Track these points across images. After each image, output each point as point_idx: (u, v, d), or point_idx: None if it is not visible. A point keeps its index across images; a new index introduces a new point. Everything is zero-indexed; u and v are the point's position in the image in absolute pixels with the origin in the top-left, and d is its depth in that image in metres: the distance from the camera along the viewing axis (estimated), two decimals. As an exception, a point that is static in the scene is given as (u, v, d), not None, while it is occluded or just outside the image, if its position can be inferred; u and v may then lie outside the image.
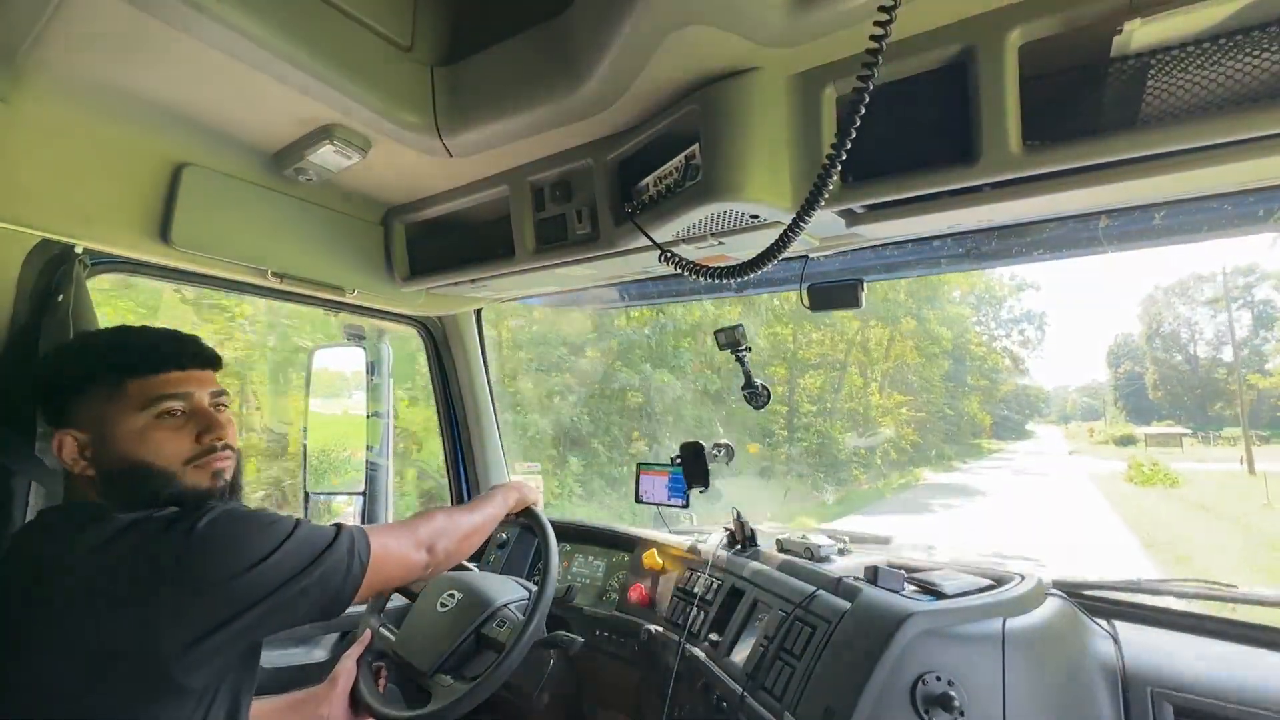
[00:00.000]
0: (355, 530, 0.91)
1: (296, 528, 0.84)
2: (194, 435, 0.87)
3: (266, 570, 0.77)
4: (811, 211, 0.76)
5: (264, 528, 0.80)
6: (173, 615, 0.72)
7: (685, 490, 1.62)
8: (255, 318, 4.82)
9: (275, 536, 0.80)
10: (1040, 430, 20.35)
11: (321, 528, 0.87)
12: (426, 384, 2.19)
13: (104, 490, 0.83)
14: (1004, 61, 0.79)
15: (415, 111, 1.09)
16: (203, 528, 0.76)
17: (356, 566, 0.87)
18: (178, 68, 0.96)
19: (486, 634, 1.28)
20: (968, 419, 14.56)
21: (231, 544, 0.77)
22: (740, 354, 1.48)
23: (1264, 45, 0.69)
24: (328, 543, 0.85)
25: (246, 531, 0.79)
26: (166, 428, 0.85)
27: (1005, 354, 18.85)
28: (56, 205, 1.10)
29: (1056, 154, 0.80)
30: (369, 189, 1.47)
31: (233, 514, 0.80)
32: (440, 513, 1.11)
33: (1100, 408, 19.35)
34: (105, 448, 0.83)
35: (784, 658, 1.12)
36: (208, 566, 0.74)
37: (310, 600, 0.82)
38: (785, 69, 0.93)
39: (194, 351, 0.91)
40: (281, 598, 0.78)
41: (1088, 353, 35.29)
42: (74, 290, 1.11)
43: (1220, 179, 0.89)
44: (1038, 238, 1.20)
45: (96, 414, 0.83)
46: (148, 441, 0.83)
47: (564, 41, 0.97)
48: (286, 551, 0.80)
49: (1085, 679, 1.01)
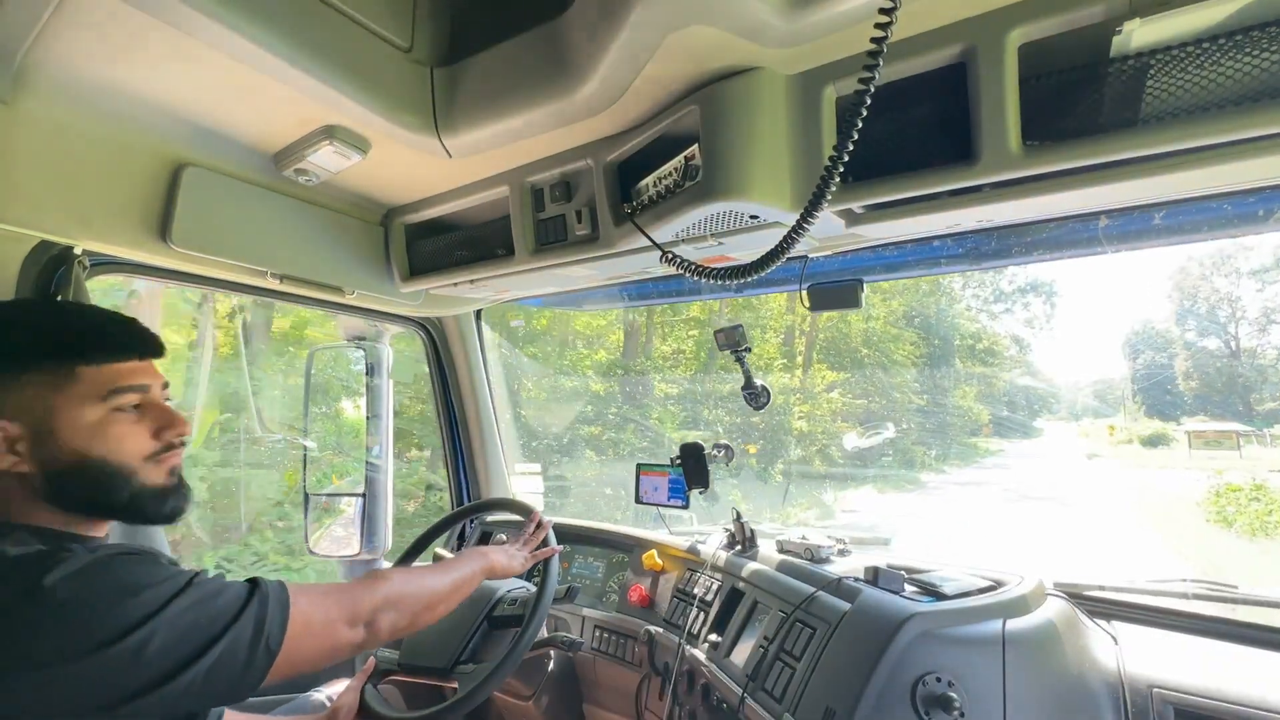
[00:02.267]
0: (273, 592, 0.73)
1: (187, 588, 0.66)
2: (152, 430, 0.79)
3: (132, 650, 0.59)
4: (815, 214, 0.76)
5: (140, 588, 0.63)
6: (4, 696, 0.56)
7: (685, 491, 1.62)
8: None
9: (154, 601, 0.63)
10: (1049, 428, 16.68)
11: (226, 587, 0.71)
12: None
13: (45, 490, 0.72)
14: (1004, 62, 0.79)
15: (415, 112, 1.09)
16: (62, 581, 0.60)
17: (261, 655, 0.69)
18: (177, 68, 0.96)
19: (499, 615, 1.27)
20: (959, 413, 12.05)
21: (94, 609, 0.60)
22: (740, 354, 1.48)
23: (1264, 45, 0.69)
24: (230, 616, 0.67)
25: (116, 592, 0.62)
26: (124, 421, 0.76)
27: (1006, 337, 15.14)
28: (56, 206, 1.10)
29: (1056, 154, 0.80)
30: (368, 189, 1.47)
31: (106, 565, 0.63)
32: (397, 574, 0.93)
33: (1114, 404, 15.32)
34: (49, 442, 0.72)
35: (784, 659, 1.12)
36: (61, 636, 0.57)
37: (192, 696, 0.64)
38: (785, 69, 0.93)
39: (148, 338, 0.82)
40: (147, 698, 0.60)
41: (1100, 343, 31.25)
42: (73, 291, 1.11)
43: (1220, 179, 0.89)
44: (1037, 238, 1.20)
45: (37, 403, 0.72)
46: (105, 436, 0.74)
47: (563, 42, 0.97)
48: (168, 624, 0.62)
49: (1086, 680, 1.01)
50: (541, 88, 1.01)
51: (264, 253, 1.37)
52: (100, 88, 1.01)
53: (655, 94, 0.99)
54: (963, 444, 12.08)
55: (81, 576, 0.61)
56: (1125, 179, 0.82)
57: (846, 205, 0.98)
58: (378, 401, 2.03)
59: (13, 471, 0.71)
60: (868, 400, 10.12)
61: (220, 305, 4.36)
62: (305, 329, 4.70)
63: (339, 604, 0.81)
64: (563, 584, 1.76)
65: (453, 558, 1.12)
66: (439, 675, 1.23)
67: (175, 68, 0.96)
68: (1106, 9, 0.73)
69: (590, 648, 1.62)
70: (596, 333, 9.10)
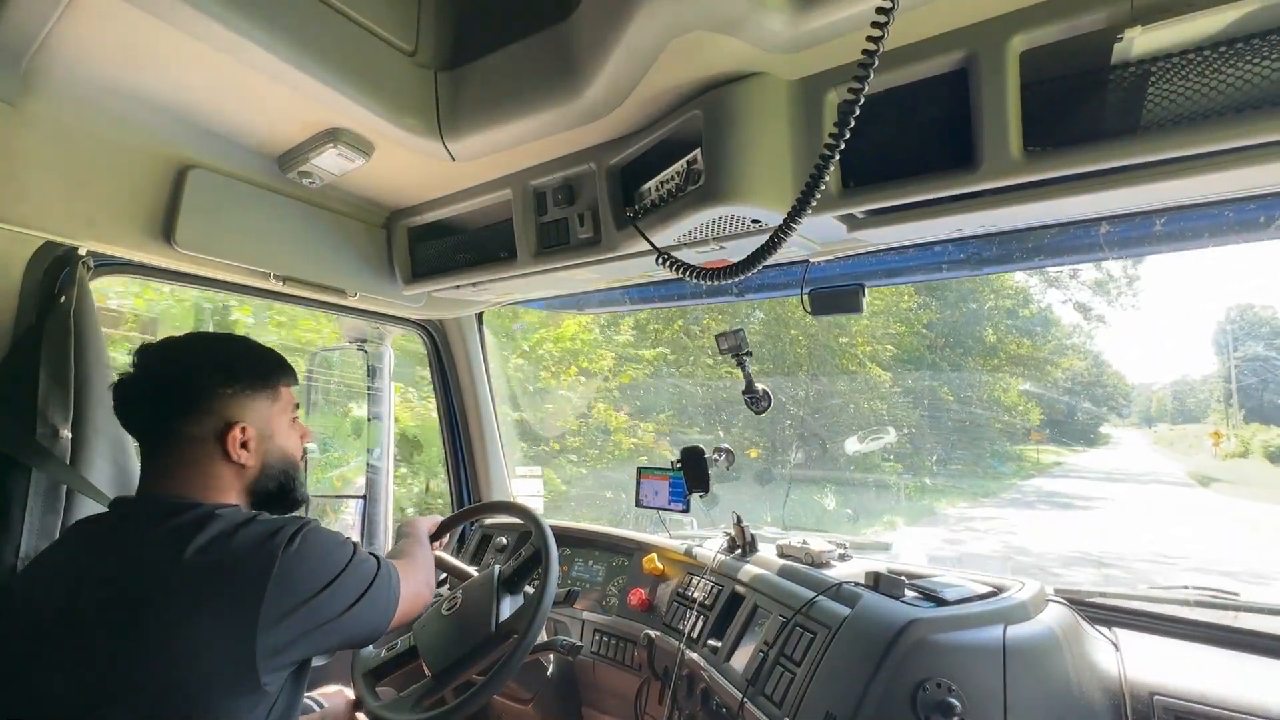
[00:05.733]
0: (387, 565, 0.97)
1: (355, 552, 0.91)
2: (300, 436, 1.03)
3: (338, 591, 0.85)
4: (800, 216, 0.77)
5: (337, 548, 0.89)
6: (273, 620, 0.77)
7: (685, 495, 1.62)
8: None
9: (343, 558, 0.88)
10: (1119, 434, 12.84)
11: (366, 556, 0.94)
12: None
13: (254, 480, 0.94)
14: (1005, 68, 0.79)
15: (418, 116, 1.09)
16: (299, 543, 0.83)
17: (392, 602, 0.95)
18: (183, 71, 0.97)
19: (499, 619, 1.27)
20: (1001, 411, 9.02)
21: (318, 562, 0.84)
22: (741, 358, 1.48)
23: (1264, 53, 0.69)
24: (373, 573, 0.92)
25: (327, 551, 0.87)
26: (295, 430, 1.01)
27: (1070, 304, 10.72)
28: (61, 207, 1.10)
29: (1057, 160, 0.80)
30: (372, 192, 1.47)
31: (318, 532, 0.88)
32: (408, 562, 1.14)
33: (1198, 407, 11.37)
34: (269, 442, 0.94)
35: (784, 663, 1.12)
36: (302, 581, 0.81)
37: (355, 625, 0.88)
38: (788, 74, 0.93)
39: (292, 368, 1.04)
40: (343, 619, 0.85)
41: (1177, 338, 25.17)
42: (76, 292, 1.12)
43: (1221, 185, 0.89)
44: (1039, 243, 1.20)
45: (260, 413, 0.93)
46: (291, 439, 0.99)
47: (567, 47, 0.97)
48: (351, 574, 0.88)
49: (1086, 686, 1.00)
50: (545, 92, 1.01)
51: (267, 254, 1.38)
52: (106, 90, 1.02)
53: (658, 98, 0.99)
54: (999, 454, 8.72)
55: (311, 538, 0.85)
56: (1126, 185, 0.82)
57: (848, 210, 0.98)
58: (379, 404, 2.03)
59: (241, 464, 0.91)
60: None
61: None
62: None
63: (420, 573, 1.11)
64: (562, 587, 1.76)
65: (400, 542, 1.29)
66: (437, 679, 1.23)
67: (181, 70, 0.97)
68: (1108, 16, 0.74)
69: (590, 651, 1.62)
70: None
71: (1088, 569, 5.08)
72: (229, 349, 0.96)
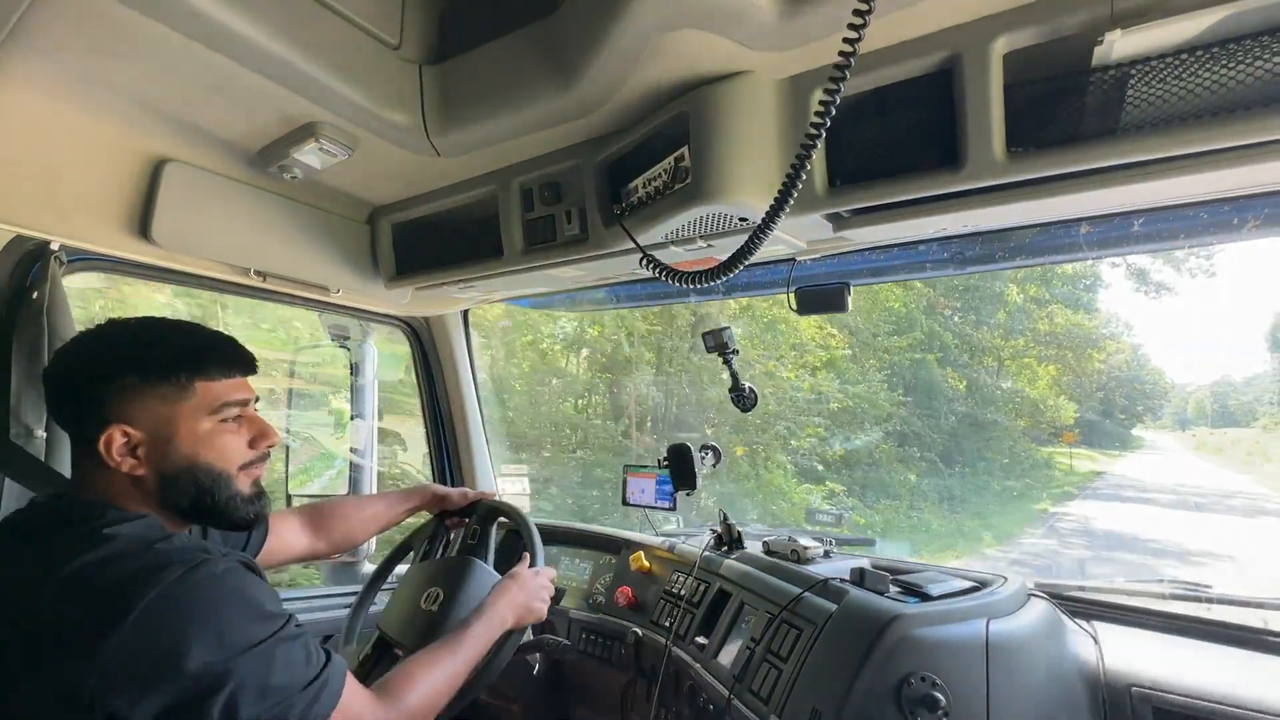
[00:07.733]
0: (334, 669, 0.78)
1: (285, 625, 0.74)
2: (248, 440, 0.87)
3: (244, 663, 0.68)
4: (778, 215, 0.77)
5: (259, 616, 0.73)
6: (114, 679, 0.63)
7: (672, 493, 1.62)
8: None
9: (266, 630, 0.72)
10: (1151, 438, 11.69)
11: (311, 647, 0.77)
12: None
13: (157, 490, 0.79)
14: (989, 69, 0.80)
15: (402, 110, 1.08)
16: (182, 587, 0.68)
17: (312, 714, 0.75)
18: (159, 62, 0.94)
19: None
20: (1026, 407, 7.78)
21: (202, 616, 0.68)
22: (728, 356, 1.48)
23: (1239, 57, 0.71)
24: (314, 673, 0.75)
25: (241, 607, 0.71)
26: (228, 432, 0.84)
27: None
28: (32, 200, 1.08)
29: (1039, 161, 0.81)
30: (355, 187, 1.45)
31: (231, 575, 0.72)
32: (420, 672, 0.93)
33: (1243, 409, 11.61)
34: (166, 448, 0.79)
35: (770, 660, 1.12)
36: (165, 635, 0.65)
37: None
38: (775, 73, 0.93)
39: (248, 357, 0.89)
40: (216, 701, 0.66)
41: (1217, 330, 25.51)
42: (49, 288, 1.09)
43: (1196, 187, 0.91)
44: (1021, 243, 1.22)
45: (158, 413, 0.78)
46: (212, 445, 0.82)
47: (554, 42, 0.96)
48: (255, 654, 0.70)
49: (1067, 679, 1.02)
50: (531, 87, 1.00)
51: (247, 250, 1.35)
52: (80, 80, 0.99)
53: (645, 95, 0.99)
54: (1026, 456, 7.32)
55: (226, 579, 0.72)
56: (1105, 186, 0.83)
57: (834, 209, 0.99)
58: (362, 401, 2.01)
59: (130, 473, 0.78)
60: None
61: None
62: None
63: (374, 711, 0.84)
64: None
65: (477, 610, 1.09)
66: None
67: (157, 61, 0.94)
68: (1088, 19, 0.75)
69: (576, 650, 1.61)
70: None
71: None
72: (133, 337, 0.82)
